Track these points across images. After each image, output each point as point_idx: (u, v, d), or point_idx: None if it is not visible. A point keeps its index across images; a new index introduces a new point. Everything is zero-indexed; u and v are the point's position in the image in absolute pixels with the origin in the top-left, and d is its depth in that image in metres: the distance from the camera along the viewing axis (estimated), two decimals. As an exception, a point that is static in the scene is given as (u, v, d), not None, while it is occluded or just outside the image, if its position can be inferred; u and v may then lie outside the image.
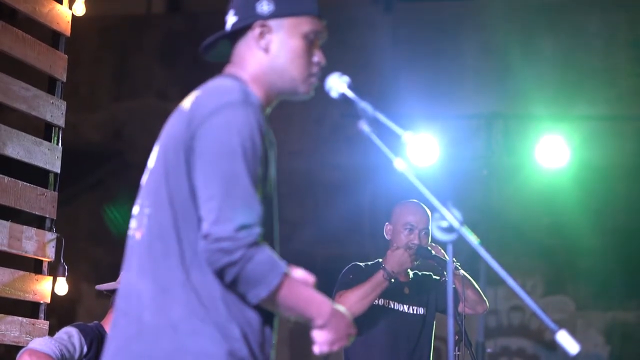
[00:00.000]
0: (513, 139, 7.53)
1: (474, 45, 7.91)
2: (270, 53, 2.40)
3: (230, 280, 2.18)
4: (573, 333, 7.72)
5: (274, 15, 2.40)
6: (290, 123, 7.65)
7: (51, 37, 4.89)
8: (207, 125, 2.23)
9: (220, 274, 2.19)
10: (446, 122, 7.37)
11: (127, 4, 8.43)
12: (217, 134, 2.21)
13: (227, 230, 2.15)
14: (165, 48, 8.28)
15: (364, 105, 2.44)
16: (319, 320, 2.26)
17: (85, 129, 8.12)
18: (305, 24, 2.42)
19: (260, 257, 2.17)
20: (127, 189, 2.47)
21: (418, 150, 5.31)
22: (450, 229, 2.27)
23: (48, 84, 4.84)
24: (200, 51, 2.50)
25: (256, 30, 2.40)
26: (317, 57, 2.44)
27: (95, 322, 3.73)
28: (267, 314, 2.30)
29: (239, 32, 2.43)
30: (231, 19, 2.44)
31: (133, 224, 2.37)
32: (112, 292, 3.66)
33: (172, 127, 2.33)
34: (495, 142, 7.61)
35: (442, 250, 4.31)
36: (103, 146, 8.20)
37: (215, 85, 2.34)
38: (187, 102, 2.34)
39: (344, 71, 2.52)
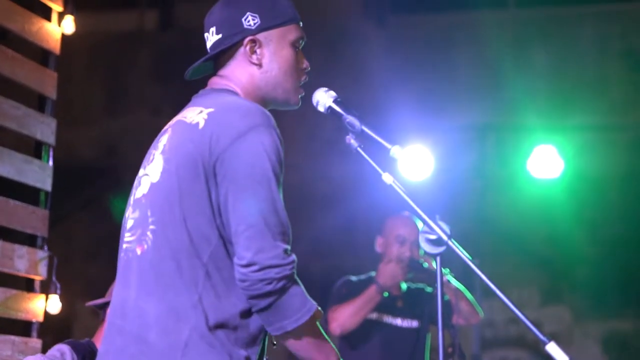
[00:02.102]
0: (506, 150, 7.53)
1: (467, 58, 7.92)
2: (262, 67, 2.38)
3: (262, 308, 2.16)
4: (570, 343, 7.64)
5: (261, 28, 2.38)
6: (284, 137, 7.65)
7: (41, 55, 4.89)
8: (235, 149, 2.18)
9: (250, 301, 2.17)
10: (439, 134, 7.36)
11: (118, 21, 8.44)
12: (249, 160, 2.18)
13: (274, 257, 2.14)
14: (158, 64, 8.29)
15: (351, 119, 2.44)
16: None
17: (79, 146, 8.11)
18: (291, 33, 2.41)
19: (295, 290, 2.17)
20: (122, 205, 2.44)
21: (410, 163, 5.31)
22: (438, 242, 2.27)
23: (38, 102, 4.84)
24: (185, 75, 2.48)
25: (247, 47, 2.38)
26: (304, 63, 2.45)
27: (86, 339, 3.71)
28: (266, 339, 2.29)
29: (227, 47, 2.39)
30: (213, 37, 2.41)
31: (129, 237, 2.29)
32: (101, 307, 3.65)
33: (183, 143, 2.25)
34: (488, 154, 7.61)
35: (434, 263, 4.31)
36: (97, 163, 8.19)
37: (232, 104, 2.29)
38: (195, 117, 2.28)
39: (338, 84, 2.52)
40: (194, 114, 2.28)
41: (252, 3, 2.38)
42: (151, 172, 2.30)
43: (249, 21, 2.37)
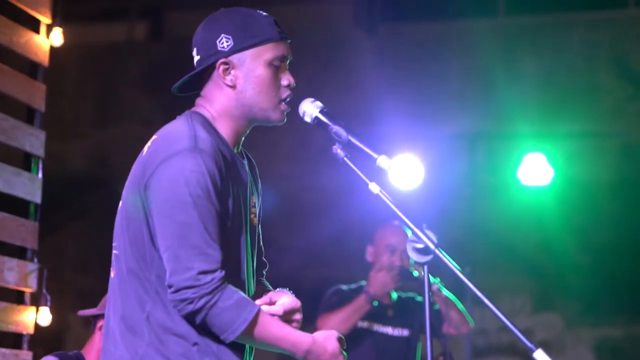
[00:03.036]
0: (496, 158, 7.54)
1: (457, 66, 7.93)
2: (237, 88, 2.41)
3: (199, 324, 2.25)
4: (562, 350, 7.63)
5: (234, 50, 2.40)
6: (276, 147, 7.65)
7: (29, 67, 4.87)
8: (157, 176, 2.28)
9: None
10: (429, 142, 7.38)
11: (108, 32, 8.43)
12: (166, 185, 2.26)
13: (187, 279, 2.21)
14: (148, 75, 8.28)
15: (338, 129, 2.45)
16: (297, 355, 2.32)
17: (70, 158, 8.11)
18: (266, 52, 2.41)
19: (224, 304, 2.22)
20: (114, 217, 2.50)
21: (400, 172, 5.32)
22: (425, 251, 2.27)
23: (27, 115, 4.83)
24: (172, 90, 2.51)
25: (220, 69, 2.40)
26: (286, 80, 2.44)
27: (75, 351, 3.71)
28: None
29: (204, 68, 2.43)
30: (195, 57, 2.45)
31: (112, 261, 2.45)
32: (94, 317, 3.66)
33: (133, 172, 2.38)
34: (478, 162, 7.62)
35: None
36: (88, 175, 8.18)
37: (168, 131, 2.37)
38: (147, 144, 2.38)
39: (328, 93, 2.52)
40: (148, 143, 2.39)
41: (228, 25, 2.41)
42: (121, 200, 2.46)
43: (222, 43, 2.39)
